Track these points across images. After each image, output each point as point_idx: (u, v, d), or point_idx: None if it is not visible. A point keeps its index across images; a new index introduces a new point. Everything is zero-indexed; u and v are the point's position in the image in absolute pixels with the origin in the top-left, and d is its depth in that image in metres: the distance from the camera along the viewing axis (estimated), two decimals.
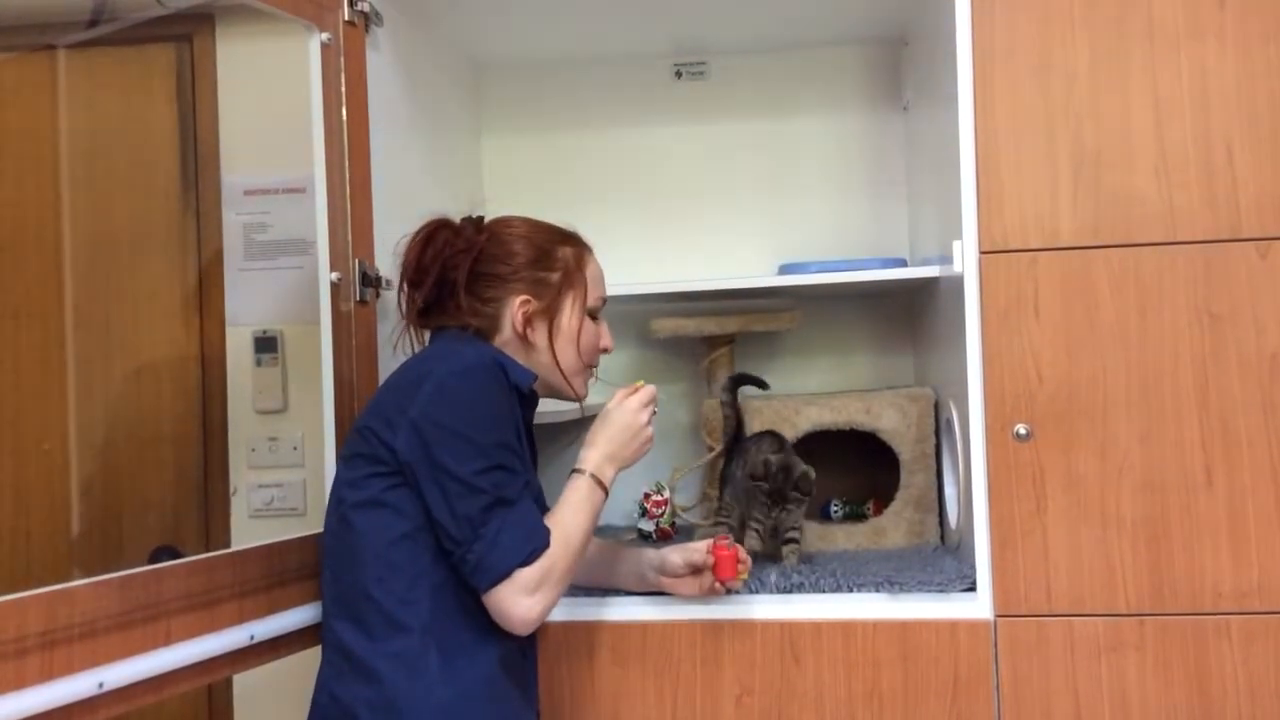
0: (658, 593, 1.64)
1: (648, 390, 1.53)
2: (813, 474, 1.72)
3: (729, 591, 1.61)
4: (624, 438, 1.49)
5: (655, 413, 1.53)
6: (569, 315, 1.53)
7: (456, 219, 1.58)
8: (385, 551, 1.36)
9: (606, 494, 1.46)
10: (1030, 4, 1.60)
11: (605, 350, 1.59)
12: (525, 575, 1.34)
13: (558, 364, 1.52)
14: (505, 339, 1.52)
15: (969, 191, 1.61)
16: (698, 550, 1.58)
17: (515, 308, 1.51)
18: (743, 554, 1.57)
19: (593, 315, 1.56)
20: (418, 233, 1.54)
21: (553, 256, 1.54)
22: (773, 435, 1.84)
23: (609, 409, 1.51)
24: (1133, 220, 1.58)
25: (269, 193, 2.26)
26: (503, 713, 1.41)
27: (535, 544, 1.35)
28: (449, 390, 1.37)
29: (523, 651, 1.50)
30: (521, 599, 1.34)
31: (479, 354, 1.43)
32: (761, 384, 1.98)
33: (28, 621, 1.12)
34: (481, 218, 1.59)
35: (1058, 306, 1.59)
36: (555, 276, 1.53)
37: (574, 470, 1.47)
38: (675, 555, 1.59)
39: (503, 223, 1.57)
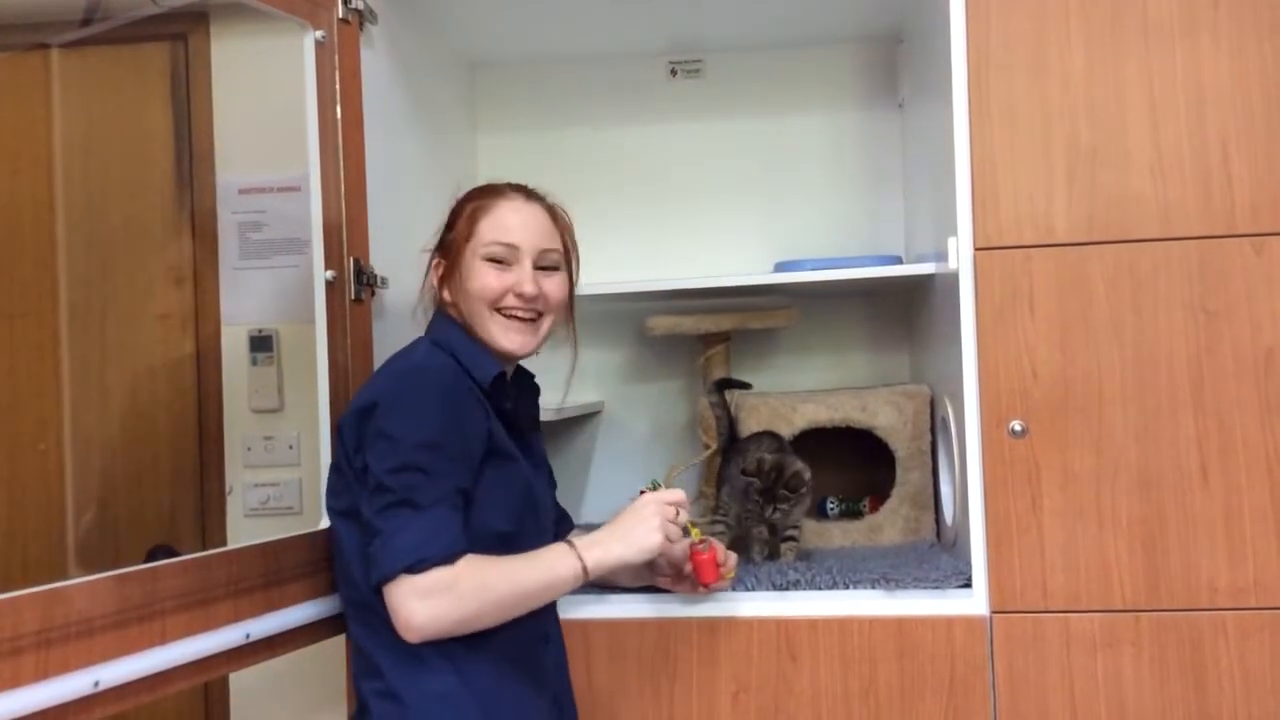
0: (652, 588, 1.64)
1: (672, 493, 1.47)
2: (806, 473, 1.72)
3: (712, 589, 1.60)
4: (625, 522, 1.44)
5: (680, 520, 1.45)
6: (464, 266, 1.48)
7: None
8: (368, 555, 1.36)
9: (585, 571, 1.38)
10: (1025, 1, 1.61)
11: (520, 295, 1.47)
12: (414, 580, 1.28)
13: (472, 318, 1.49)
14: (446, 307, 1.53)
15: (964, 188, 1.61)
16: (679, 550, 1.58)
17: (432, 270, 1.53)
18: (721, 555, 1.56)
19: (494, 260, 1.47)
20: None
21: (455, 214, 1.53)
22: (771, 435, 1.84)
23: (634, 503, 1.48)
24: (1128, 217, 1.58)
25: (264, 191, 2.25)
26: (507, 702, 1.41)
27: (427, 553, 1.29)
28: (388, 394, 1.38)
29: (545, 637, 1.50)
30: (409, 601, 1.29)
31: (429, 354, 1.43)
32: (745, 385, 1.99)
33: (23, 620, 1.12)
34: None
35: (1053, 303, 1.59)
36: (452, 235, 1.51)
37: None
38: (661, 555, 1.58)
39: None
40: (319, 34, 1.61)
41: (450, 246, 1.51)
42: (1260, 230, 1.56)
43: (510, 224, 1.48)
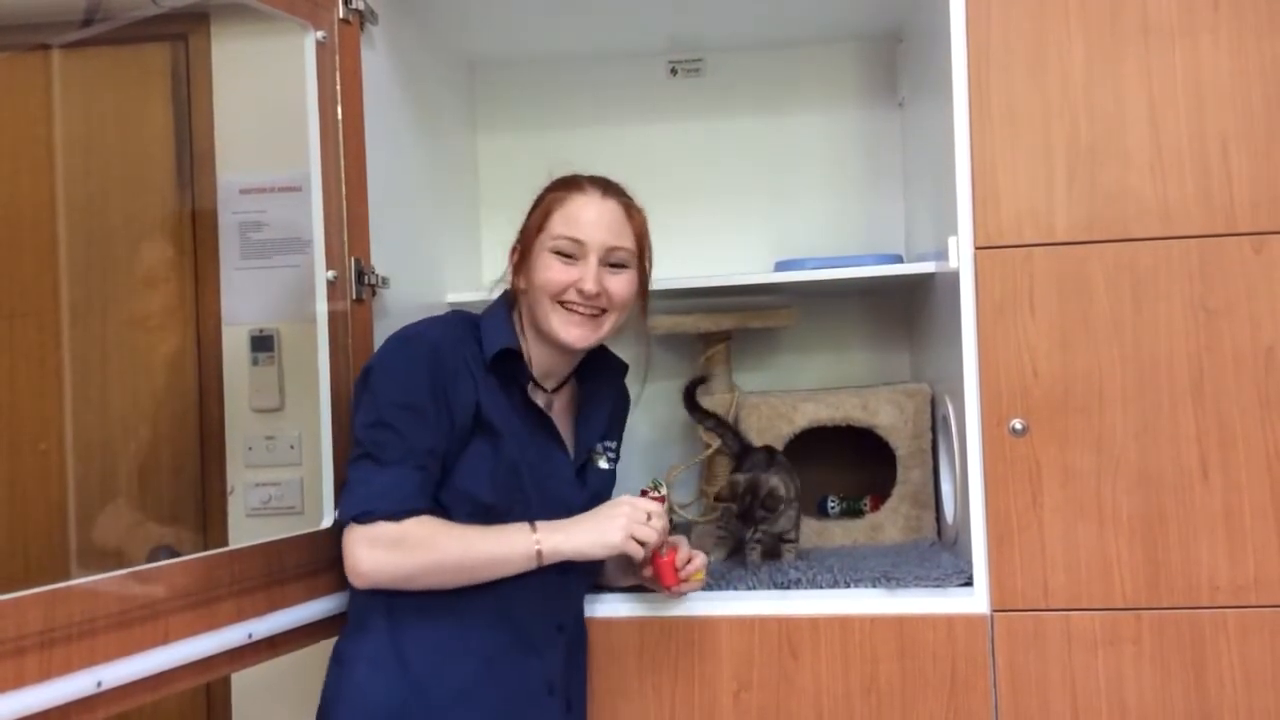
0: (641, 587, 1.65)
1: (648, 502, 1.48)
2: (780, 489, 1.70)
3: (675, 593, 1.58)
4: (593, 516, 1.45)
5: (654, 525, 1.44)
6: (534, 256, 1.52)
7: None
8: None
9: (540, 554, 1.40)
10: (1025, 0, 1.61)
11: (582, 292, 1.48)
12: (362, 529, 1.37)
13: (536, 307, 1.52)
14: (518, 292, 1.56)
15: (964, 187, 1.62)
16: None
17: (510, 256, 1.57)
18: (682, 558, 1.54)
19: (561, 254, 1.50)
20: None
21: (536, 203, 1.56)
22: (765, 451, 1.82)
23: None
24: (1128, 216, 1.59)
25: (265, 191, 2.25)
26: (450, 669, 1.43)
27: (375, 506, 1.37)
28: (381, 356, 1.46)
29: (560, 626, 1.52)
30: (356, 547, 1.38)
31: (434, 322, 1.50)
32: (700, 381, 2.00)
33: (26, 620, 1.12)
34: None
35: (1053, 302, 1.59)
36: (529, 222, 1.55)
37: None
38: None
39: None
40: (320, 34, 1.61)
41: (526, 234, 1.55)
42: (1260, 229, 1.56)
43: (581, 219, 1.50)
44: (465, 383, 1.44)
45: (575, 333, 1.50)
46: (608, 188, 1.55)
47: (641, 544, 1.44)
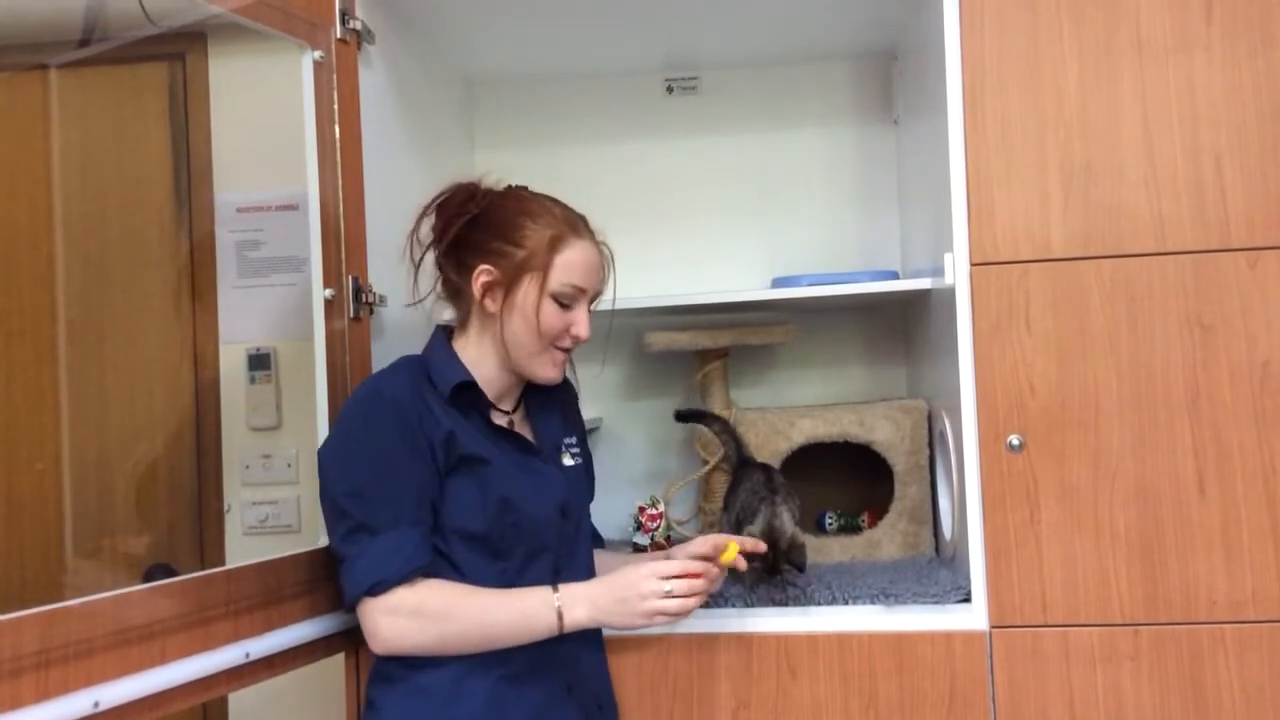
0: None
1: (679, 565, 1.42)
2: (799, 535, 1.65)
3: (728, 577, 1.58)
4: (618, 595, 1.41)
5: (677, 590, 1.40)
6: (524, 293, 1.46)
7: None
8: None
9: (560, 628, 1.39)
10: (1019, 18, 1.62)
11: (576, 338, 1.49)
12: (377, 601, 1.37)
13: (515, 344, 1.48)
14: (471, 310, 1.52)
15: (960, 204, 1.62)
16: (705, 543, 1.53)
17: (475, 274, 1.48)
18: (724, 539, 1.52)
19: (560, 301, 1.47)
20: (441, 191, 1.55)
21: (523, 231, 1.48)
22: (761, 469, 1.82)
23: (637, 564, 1.45)
24: (1123, 231, 1.59)
25: (262, 210, 2.26)
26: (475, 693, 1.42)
27: (384, 575, 1.36)
28: (345, 420, 1.44)
29: (584, 638, 1.51)
30: (374, 615, 1.37)
31: (384, 377, 1.47)
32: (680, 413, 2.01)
33: (23, 641, 1.12)
34: (510, 187, 1.57)
35: (1049, 317, 1.59)
36: (520, 253, 1.46)
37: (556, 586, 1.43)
38: (679, 553, 1.54)
39: (512, 194, 1.55)
40: (317, 54, 1.62)
41: (511, 262, 1.47)
42: (1254, 244, 1.57)
43: (585, 266, 1.49)
44: (429, 424, 1.41)
45: (555, 373, 1.52)
46: (588, 227, 1.53)
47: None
